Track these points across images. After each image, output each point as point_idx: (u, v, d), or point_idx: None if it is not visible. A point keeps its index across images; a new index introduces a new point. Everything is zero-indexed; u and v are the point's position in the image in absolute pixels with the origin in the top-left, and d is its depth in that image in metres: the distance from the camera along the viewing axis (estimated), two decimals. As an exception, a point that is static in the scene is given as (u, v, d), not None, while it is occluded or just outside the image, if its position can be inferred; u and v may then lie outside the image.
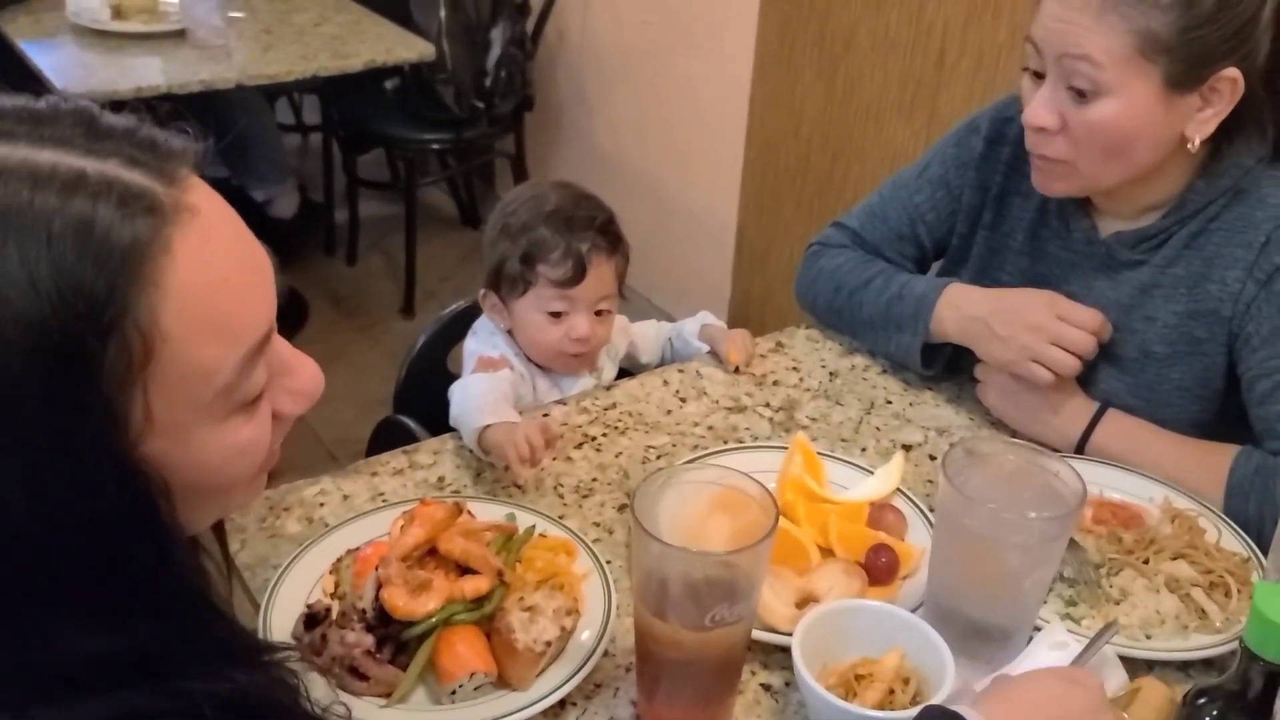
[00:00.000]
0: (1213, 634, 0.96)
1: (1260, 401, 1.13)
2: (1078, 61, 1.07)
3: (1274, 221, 1.13)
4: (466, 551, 0.92)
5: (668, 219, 3.12)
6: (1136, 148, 1.12)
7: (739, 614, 0.81)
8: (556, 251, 1.32)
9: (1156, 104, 1.08)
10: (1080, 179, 1.16)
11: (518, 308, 1.36)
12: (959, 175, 1.35)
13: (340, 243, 3.58)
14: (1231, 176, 1.15)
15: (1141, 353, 1.21)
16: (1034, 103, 1.12)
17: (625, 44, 3.14)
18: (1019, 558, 0.86)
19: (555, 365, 1.38)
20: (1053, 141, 1.13)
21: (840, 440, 1.26)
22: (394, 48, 2.52)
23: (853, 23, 2.35)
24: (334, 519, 1.06)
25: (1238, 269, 1.14)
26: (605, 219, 1.37)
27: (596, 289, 1.35)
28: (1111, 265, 1.24)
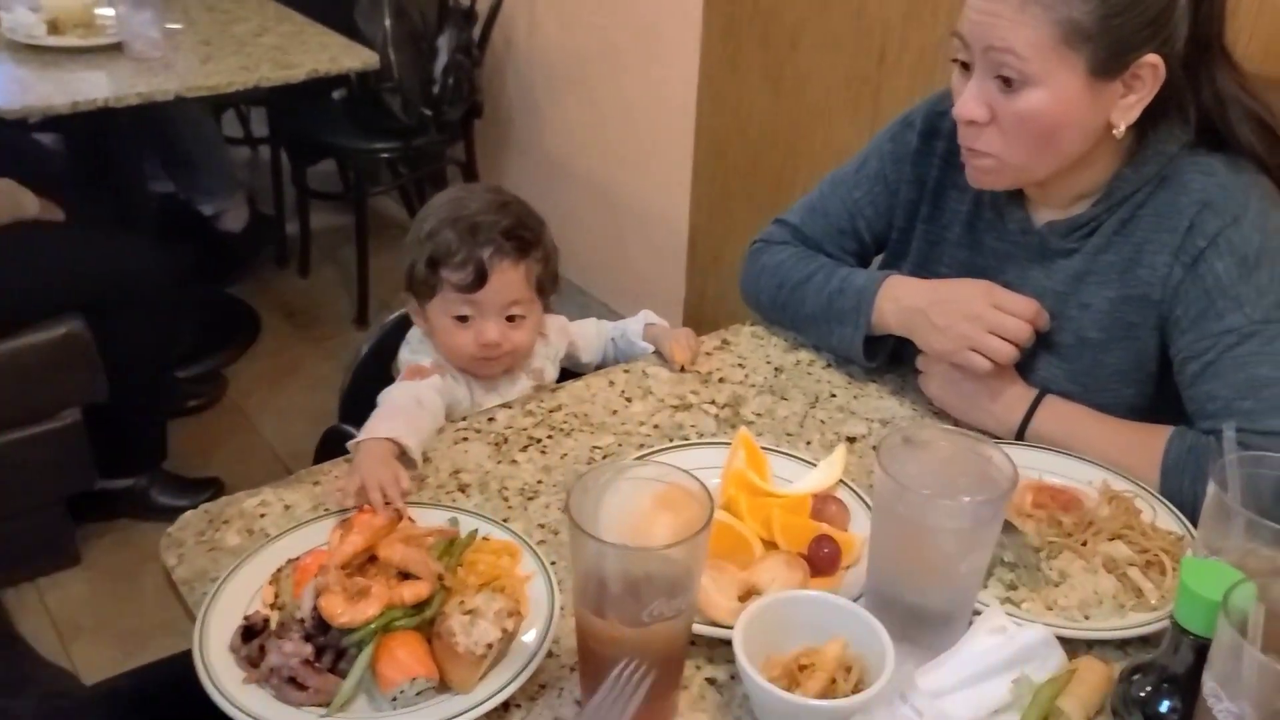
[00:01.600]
0: (1149, 612, 0.98)
1: (1191, 383, 1.16)
2: (1003, 54, 1.08)
3: (1197, 206, 1.15)
4: (406, 557, 0.92)
5: (620, 222, 3.13)
6: (1065, 136, 1.13)
7: (677, 608, 0.81)
8: (458, 256, 1.33)
9: (1082, 92, 1.10)
10: (1011, 171, 1.18)
11: (429, 311, 1.36)
12: (895, 170, 1.36)
13: (292, 255, 3.56)
14: (1156, 163, 1.17)
15: (1077, 339, 1.23)
16: (963, 96, 1.14)
17: (573, 49, 3.14)
18: (954, 542, 0.86)
19: (473, 370, 1.38)
20: (983, 134, 1.14)
21: (785, 435, 1.27)
22: (338, 57, 2.49)
23: (797, 23, 2.37)
24: (275, 530, 1.05)
25: (1165, 254, 1.16)
26: (512, 223, 1.36)
27: (502, 294, 1.34)
28: (1045, 254, 1.25)
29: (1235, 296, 1.12)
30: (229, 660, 0.87)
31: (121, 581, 2.27)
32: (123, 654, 2.06)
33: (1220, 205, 1.14)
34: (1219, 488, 0.87)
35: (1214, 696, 0.74)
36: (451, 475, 1.16)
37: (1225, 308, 1.13)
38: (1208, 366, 1.14)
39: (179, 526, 1.06)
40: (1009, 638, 0.91)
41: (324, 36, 2.63)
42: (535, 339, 1.43)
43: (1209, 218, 1.14)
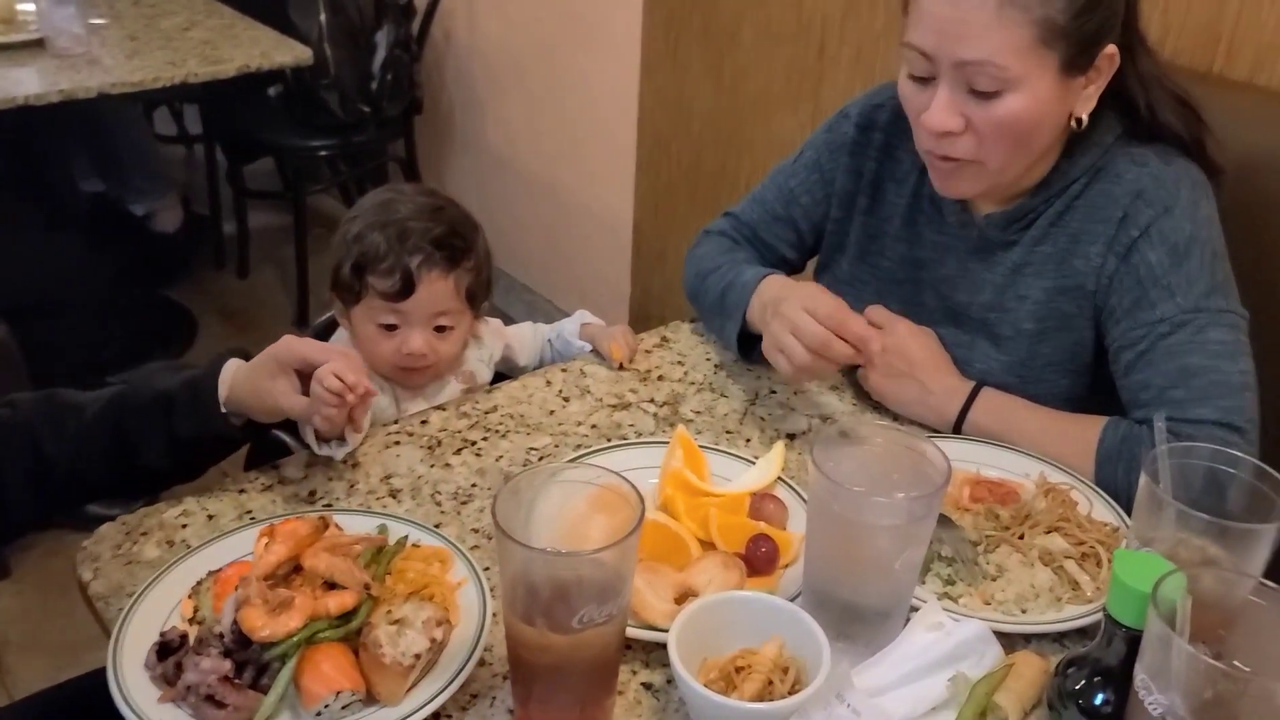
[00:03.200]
0: (1085, 604, 0.98)
1: (1125, 372, 1.16)
2: (979, 66, 1.06)
3: (1130, 196, 1.15)
4: (332, 566, 0.89)
5: (565, 218, 3.10)
6: (1039, 135, 1.13)
7: (609, 614, 0.79)
8: (385, 263, 1.28)
9: (1055, 89, 1.10)
10: (988, 175, 1.16)
11: (353, 316, 1.32)
12: (831, 160, 1.36)
13: (230, 255, 3.48)
14: (1092, 155, 1.18)
15: (1015, 330, 1.23)
16: (933, 109, 1.11)
17: (513, 44, 3.11)
18: (888, 539, 0.86)
19: (395, 378, 1.34)
20: (958, 142, 1.13)
21: (725, 432, 1.25)
22: (269, 52, 2.44)
23: (736, 16, 2.36)
24: (197, 541, 1.01)
25: (1099, 244, 1.17)
26: (444, 232, 1.31)
27: (430, 304, 1.30)
28: (985, 247, 1.25)
29: (1167, 286, 1.13)
30: (144, 678, 0.84)
31: (53, 594, 2.20)
32: (54, 667, 2.00)
33: (1152, 195, 1.15)
34: (1150, 479, 0.87)
35: (1144, 688, 0.74)
36: (382, 480, 1.13)
37: (1158, 297, 1.14)
38: (1141, 356, 1.14)
39: (95, 540, 1.02)
40: (946, 634, 0.91)
41: (255, 31, 2.57)
42: (463, 349, 1.39)
43: (1141, 208, 1.15)
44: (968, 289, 1.27)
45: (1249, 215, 1.36)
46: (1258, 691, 0.70)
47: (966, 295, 1.27)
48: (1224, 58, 1.53)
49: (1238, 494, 0.88)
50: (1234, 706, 0.71)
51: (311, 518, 0.94)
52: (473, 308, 1.38)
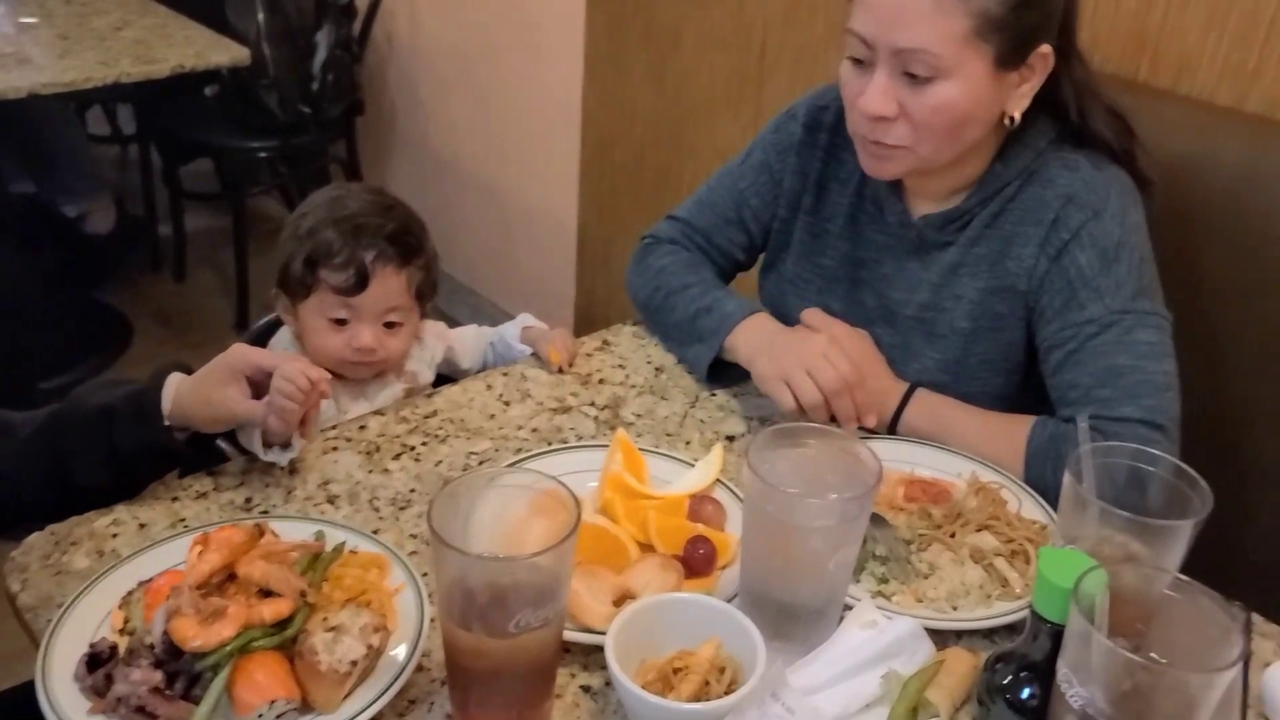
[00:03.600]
0: (1014, 600, 1.00)
1: (1054, 371, 1.19)
2: (915, 54, 1.09)
3: (1062, 200, 1.18)
4: (267, 574, 0.88)
5: (508, 221, 3.09)
6: (970, 126, 1.16)
7: (544, 618, 0.80)
8: (339, 257, 1.30)
9: (988, 83, 1.12)
10: (916, 160, 1.18)
11: (302, 311, 1.33)
12: (780, 160, 1.37)
13: (166, 258, 3.42)
14: (1025, 158, 1.21)
15: (950, 329, 1.26)
16: (869, 93, 1.13)
17: (456, 45, 3.09)
18: (822, 539, 0.87)
19: (344, 372, 1.35)
20: (892, 128, 1.15)
21: (665, 435, 1.26)
22: (204, 52, 2.40)
23: (678, 20, 2.37)
24: (128, 551, 1.00)
25: (1031, 246, 1.20)
26: (397, 228, 1.33)
27: (382, 300, 1.32)
28: (922, 247, 1.28)
29: (1096, 288, 1.17)
30: (74, 690, 0.83)
31: (-19, 605, 2.15)
32: (-16, 681, 1.95)
33: (1083, 200, 1.18)
34: (1073, 478, 0.89)
35: (1066, 682, 0.76)
36: (320, 487, 1.12)
37: (1087, 298, 1.17)
38: (1069, 355, 1.17)
39: (23, 550, 1.00)
40: (879, 631, 0.92)
41: (190, 30, 2.53)
42: (410, 345, 1.40)
43: (1073, 211, 1.18)
44: (905, 288, 1.29)
45: (1173, 220, 1.41)
46: (1172, 682, 0.73)
47: (904, 294, 1.30)
48: (1149, 66, 1.57)
49: (1157, 492, 0.91)
50: (1151, 697, 0.74)
51: (247, 525, 0.93)
52: (420, 306, 1.39)
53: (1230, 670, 0.71)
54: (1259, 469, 1.38)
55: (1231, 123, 1.43)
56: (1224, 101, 1.49)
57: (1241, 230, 1.35)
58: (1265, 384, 1.37)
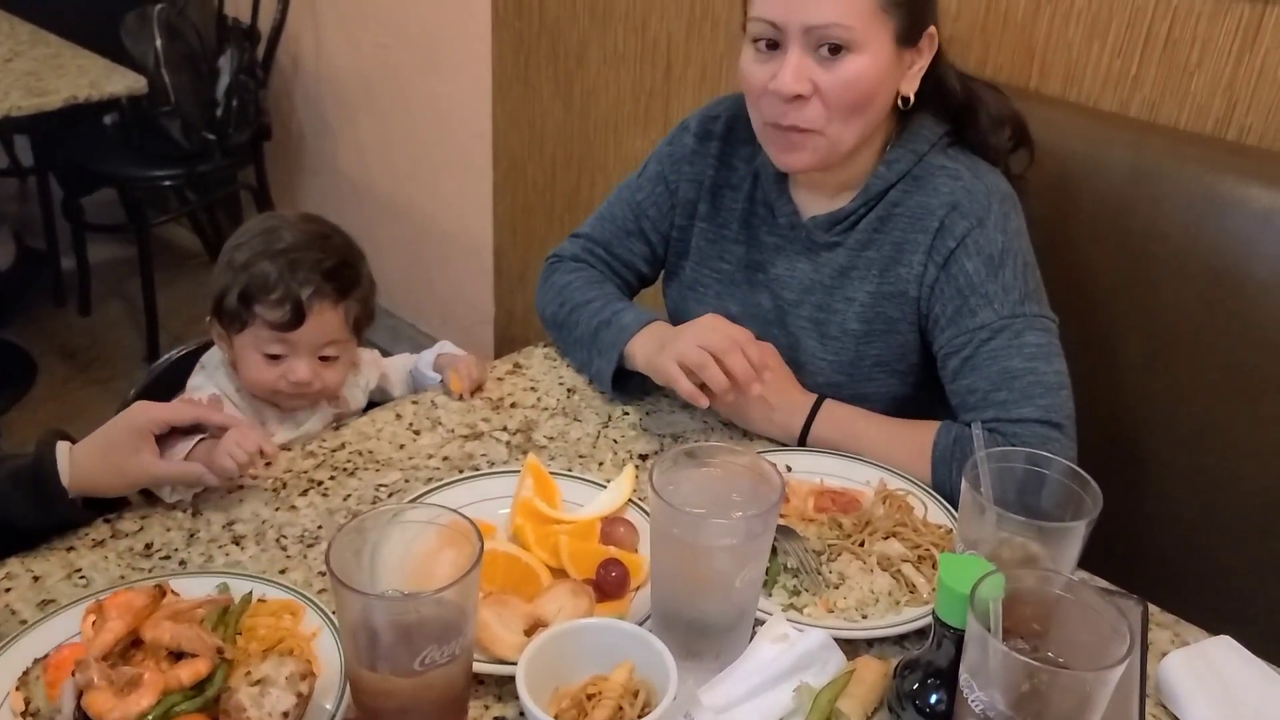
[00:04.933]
0: (922, 605, 1.02)
1: (953, 378, 1.22)
2: (825, 29, 1.14)
3: (946, 208, 1.22)
4: (177, 634, 0.85)
5: (424, 242, 3.06)
6: (875, 104, 1.20)
7: (451, 653, 0.79)
8: (275, 293, 1.27)
9: (891, 58, 1.18)
10: (826, 145, 1.21)
11: (237, 343, 1.30)
12: (674, 170, 1.41)
13: (70, 292, 3.32)
14: (907, 161, 1.25)
15: (842, 331, 1.29)
16: (783, 74, 1.16)
17: (362, 68, 3.06)
18: (727, 558, 0.88)
19: (278, 402, 1.33)
20: (805, 109, 1.18)
21: (579, 457, 1.26)
22: (99, 82, 2.34)
23: (582, 39, 2.38)
24: (22, 604, 0.97)
25: (919, 253, 1.23)
26: (335, 263, 1.31)
27: (318, 334, 1.30)
28: (812, 248, 1.32)
29: (985, 294, 1.20)
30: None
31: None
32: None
33: (966, 208, 1.22)
34: (970, 485, 0.91)
35: (967, 686, 0.78)
36: (225, 528, 1.10)
37: (977, 305, 1.21)
38: (965, 361, 1.20)
39: (-91, 610, 0.96)
40: (790, 645, 0.93)
41: (83, 60, 2.46)
42: (346, 377, 1.39)
43: (957, 219, 1.22)
44: (798, 289, 1.32)
45: (1063, 220, 1.45)
46: (1066, 682, 0.75)
47: (797, 295, 1.33)
48: (1038, 74, 1.62)
49: (1052, 493, 0.94)
50: (1048, 696, 0.75)
51: (146, 587, 0.90)
52: (357, 335, 1.38)
53: (1119, 667, 0.73)
54: (1153, 462, 1.43)
55: (1116, 127, 1.49)
56: (1109, 107, 1.54)
57: (1127, 228, 1.40)
58: (1154, 377, 1.41)
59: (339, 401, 1.40)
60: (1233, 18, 1.41)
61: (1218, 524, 1.40)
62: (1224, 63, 1.43)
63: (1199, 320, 1.36)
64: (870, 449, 1.22)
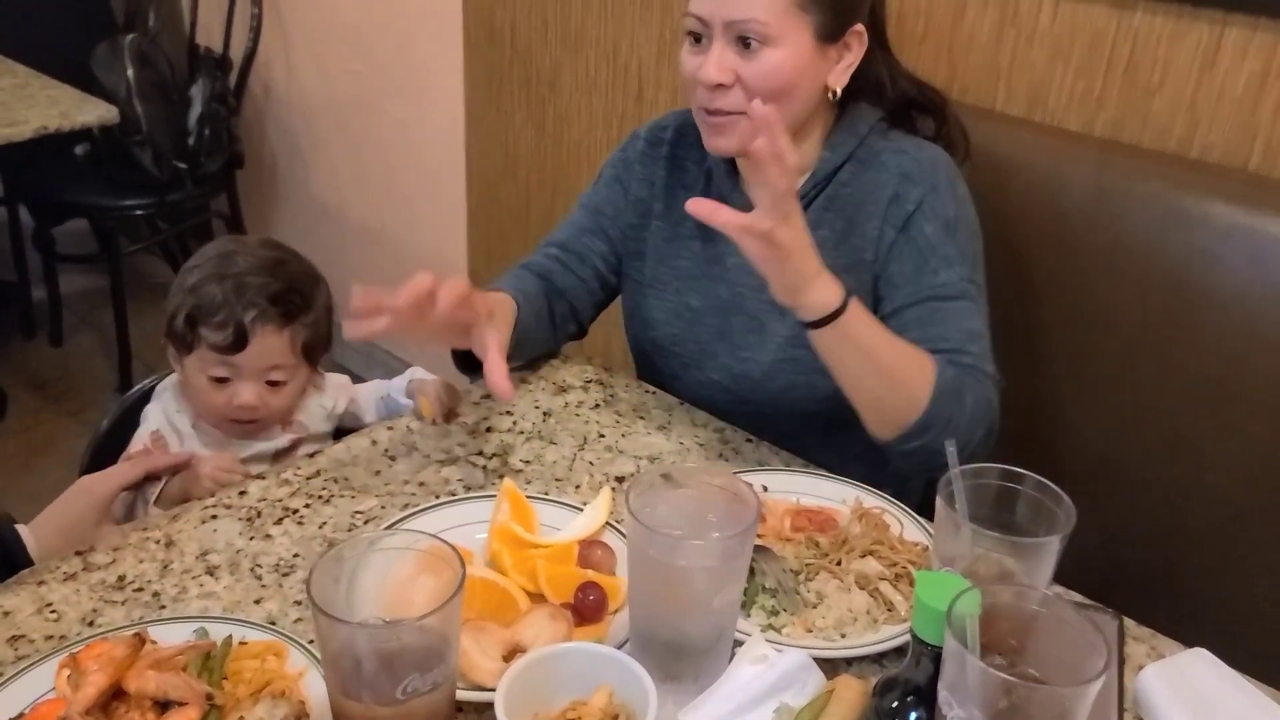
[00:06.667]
0: (900, 623, 1.02)
1: (918, 325, 1.25)
2: (744, 23, 1.23)
3: (897, 178, 1.31)
4: (163, 684, 0.84)
5: (398, 267, 3.06)
6: (796, 95, 1.28)
7: (434, 681, 0.79)
8: (218, 315, 1.29)
9: (810, 53, 1.26)
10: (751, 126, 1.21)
11: (185, 365, 1.31)
12: (627, 171, 1.48)
13: (41, 323, 3.30)
14: (849, 144, 1.34)
15: None
16: (707, 64, 1.25)
17: (334, 95, 3.06)
18: (705, 579, 0.88)
19: (225, 430, 1.33)
20: (728, 95, 1.26)
21: (555, 480, 1.26)
22: (69, 112, 2.34)
23: (554, 65, 2.40)
24: (-8, 641, 0.95)
25: (874, 221, 1.31)
26: (282, 288, 1.32)
27: (262, 358, 1.31)
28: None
29: (945, 255, 1.28)
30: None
31: None
32: None
33: (918, 176, 1.30)
34: (945, 502, 0.92)
35: (946, 704, 0.78)
36: (199, 558, 1.09)
37: (938, 265, 1.28)
38: (934, 312, 1.26)
39: (-122, 648, 0.94)
40: (770, 665, 0.93)
41: (53, 90, 2.46)
42: (296, 402, 1.39)
43: (910, 187, 1.30)
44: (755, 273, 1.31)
45: (1029, 236, 1.48)
46: (1044, 697, 0.75)
47: (756, 279, 1.30)
48: (1004, 95, 1.64)
49: (1025, 508, 0.94)
50: (1027, 711, 0.76)
51: (125, 636, 0.88)
52: (310, 361, 1.39)
53: (1097, 681, 0.74)
54: (1123, 475, 1.45)
55: (1081, 146, 1.51)
56: (1073, 127, 1.57)
57: (1092, 244, 1.43)
58: (1121, 390, 1.43)
59: (295, 427, 1.40)
60: (1192, 39, 1.44)
61: (1189, 535, 1.41)
62: (1185, 83, 1.46)
63: (1164, 332, 1.39)
64: (884, 353, 1.17)
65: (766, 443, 1.34)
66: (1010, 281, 1.32)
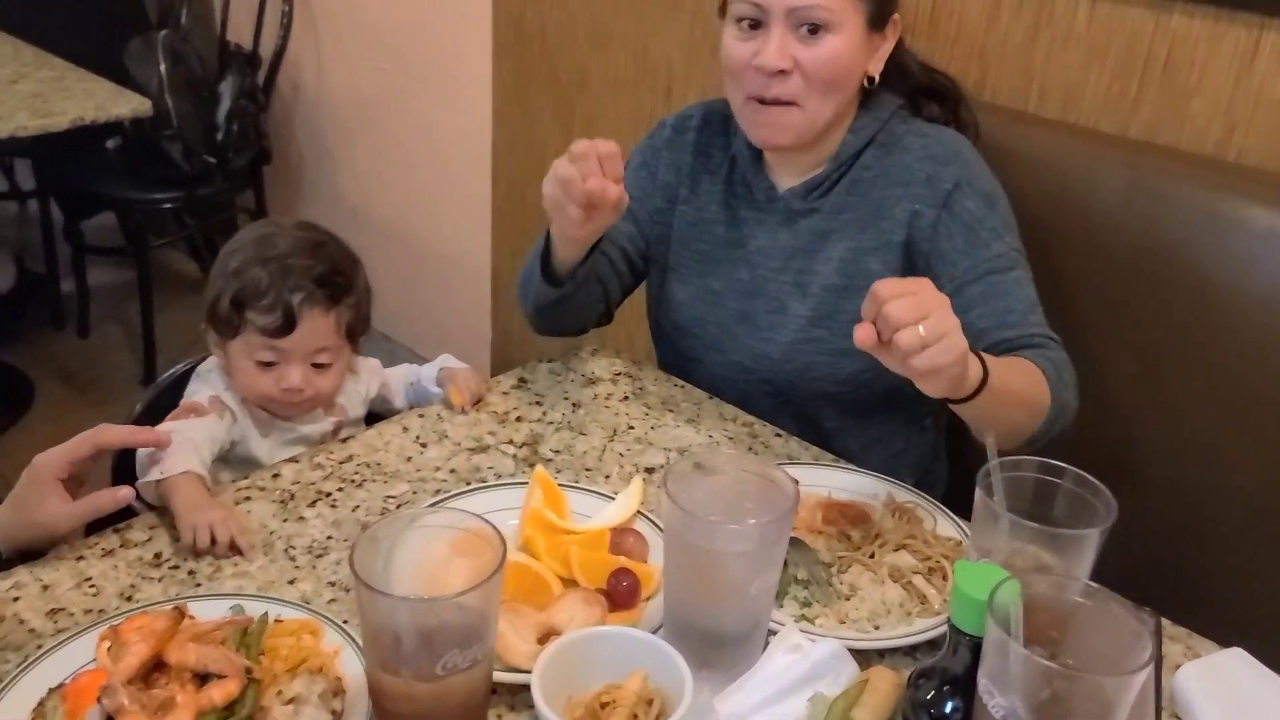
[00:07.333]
0: (933, 617, 1.02)
1: (982, 301, 1.26)
2: (809, 9, 1.25)
3: (924, 160, 1.33)
4: (203, 656, 0.84)
5: (422, 265, 3.07)
6: (847, 82, 1.31)
7: (473, 658, 0.79)
8: (266, 299, 1.28)
9: (862, 40, 1.29)
10: (803, 119, 1.30)
11: (230, 350, 1.31)
12: (654, 157, 1.50)
13: (70, 315, 3.32)
14: (871, 128, 1.36)
15: (822, 287, 1.37)
16: (767, 50, 1.26)
17: (361, 93, 3.08)
18: (742, 565, 0.88)
19: (270, 410, 1.33)
20: (787, 82, 1.28)
21: (585, 470, 1.26)
22: (105, 104, 2.35)
23: (582, 65, 2.40)
24: (31, 614, 0.96)
25: (905, 203, 1.33)
26: (327, 270, 1.32)
27: (309, 341, 1.30)
28: (790, 217, 1.39)
29: (991, 227, 1.29)
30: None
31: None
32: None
33: (945, 156, 1.33)
34: (984, 493, 0.92)
35: (987, 693, 0.78)
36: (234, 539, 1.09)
37: (987, 236, 1.29)
38: (995, 286, 1.27)
39: (-82, 616, 0.95)
40: (804, 655, 0.93)
41: (89, 83, 2.47)
42: (340, 383, 1.39)
43: (942, 167, 1.32)
44: (779, 256, 1.40)
45: (1060, 238, 1.47)
46: (1088, 687, 0.75)
47: (779, 262, 1.40)
48: (1036, 97, 1.64)
49: (1064, 503, 0.94)
50: (1069, 702, 0.75)
51: (165, 610, 0.89)
52: (351, 343, 1.39)
53: (1143, 672, 0.73)
54: (1154, 477, 1.44)
55: (1115, 149, 1.50)
56: (1107, 130, 1.56)
57: (1123, 246, 1.42)
58: (1146, 390, 1.43)
59: (335, 410, 1.40)
60: (1230, 41, 1.44)
61: (1220, 537, 1.40)
62: (1222, 86, 1.46)
63: (1191, 334, 1.38)
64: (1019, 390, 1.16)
65: (795, 438, 1.34)
66: (1039, 281, 1.31)
